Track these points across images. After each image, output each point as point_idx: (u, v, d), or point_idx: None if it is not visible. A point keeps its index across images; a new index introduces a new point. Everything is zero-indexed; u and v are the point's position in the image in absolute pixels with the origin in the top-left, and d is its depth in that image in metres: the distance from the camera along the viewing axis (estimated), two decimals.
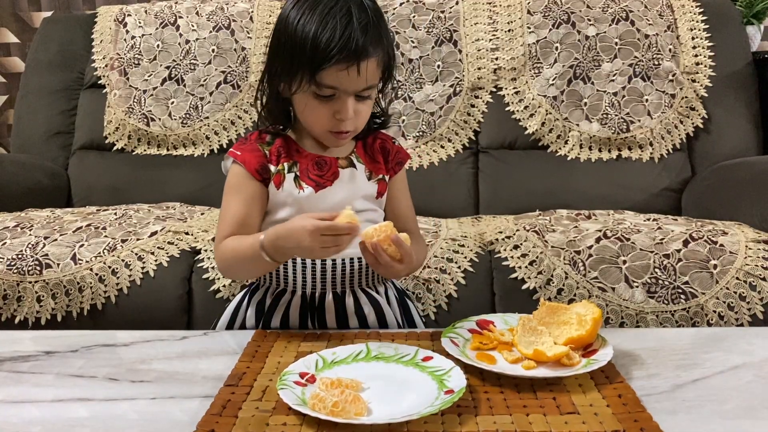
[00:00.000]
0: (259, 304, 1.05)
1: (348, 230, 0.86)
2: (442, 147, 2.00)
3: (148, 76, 2.10)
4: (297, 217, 0.90)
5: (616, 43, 1.97)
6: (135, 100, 2.08)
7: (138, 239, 1.51)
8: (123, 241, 1.50)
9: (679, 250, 1.37)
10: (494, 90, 2.02)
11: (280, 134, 1.04)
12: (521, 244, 1.45)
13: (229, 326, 1.09)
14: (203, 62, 2.09)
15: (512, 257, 1.43)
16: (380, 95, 1.05)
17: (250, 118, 2.07)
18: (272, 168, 1.01)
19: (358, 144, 1.07)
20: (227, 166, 1.03)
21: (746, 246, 1.38)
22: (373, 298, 1.05)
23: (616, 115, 1.94)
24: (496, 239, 1.49)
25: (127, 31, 2.15)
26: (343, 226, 0.86)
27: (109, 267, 1.45)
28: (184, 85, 2.08)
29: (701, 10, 2.02)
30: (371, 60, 0.93)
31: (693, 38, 2.00)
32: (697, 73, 1.97)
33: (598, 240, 1.41)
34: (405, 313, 1.11)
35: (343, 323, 1.03)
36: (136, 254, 1.47)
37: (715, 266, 1.34)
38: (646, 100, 1.94)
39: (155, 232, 1.53)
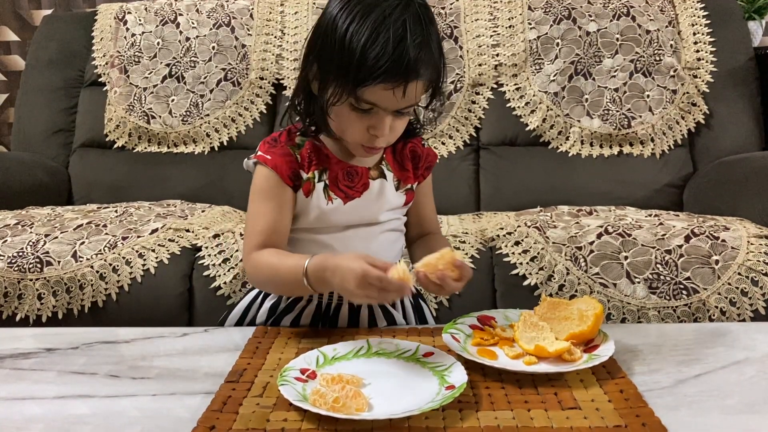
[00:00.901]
0: (272, 306, 1.04)
1: (396, 288, 0.79)
2: (443, 143, 2.00)
3: (149, 74, 2.09)
4: (349, 255, 0.83)
5: (617, 39, 1.97)
6: (135, 98, 2.08)
7: (139, 236, 1.51)
8: (124, 238, 1.50)
9: (680, 246, 1.37)
10: (495, 86, 2.02)
11: (309, 135, 0.98)
12: (522, 240, 1.45)
13: (239, 323, 1.08)
14: (203, 59, 2.08)
15: (513, 253, 1.43)
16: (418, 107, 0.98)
17: (251, 116, 2.07)
18: (304, 175, 0.96)
19: (387, 150, 1.02)
20: (249, 165, 0.99)
21: (748, 241, 1.37)
22: (389, 313, 1.04)
23: (617, 111, 1.94)
24: (497, 235, 1.49)
25: (128, 29, 2.15)
26: (393, 283, 0.79)
27: (110, 264, 1.45)
28: (185, 83, 2.08)
29: (702, 5, 2.01)
30: (419, 82, 0.86)
31: (694, 34, 1.99)
32: (699, 68, 1.97)
33: (599, 236, 1.41)
34: (418, 313, 1.09)
35: None
36: (137, 251, 1.47)
37: (716, 262, 1.34)
38: (648, 96, 1.94)
39: (156, 230, 1.53)
